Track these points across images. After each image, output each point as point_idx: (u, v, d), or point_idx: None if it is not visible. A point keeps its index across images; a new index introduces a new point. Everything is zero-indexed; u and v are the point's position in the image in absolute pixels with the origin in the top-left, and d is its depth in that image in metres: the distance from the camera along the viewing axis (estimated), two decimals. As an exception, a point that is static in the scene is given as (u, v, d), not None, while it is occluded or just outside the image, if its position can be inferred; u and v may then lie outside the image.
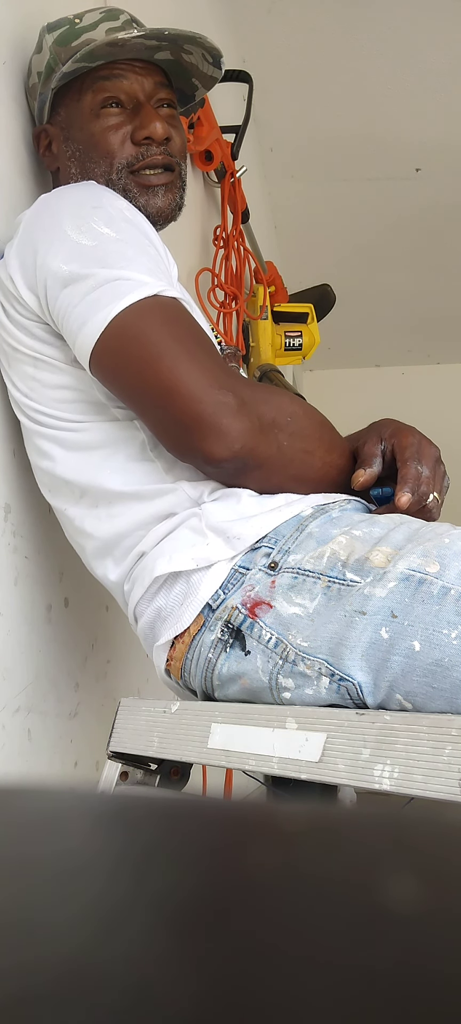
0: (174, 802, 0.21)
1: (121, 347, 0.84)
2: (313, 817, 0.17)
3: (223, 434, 0.82)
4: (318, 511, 0.86)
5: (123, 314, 0.83)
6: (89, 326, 0.84)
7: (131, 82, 1.01)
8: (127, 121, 1.01)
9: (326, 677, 0.74)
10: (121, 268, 0.85)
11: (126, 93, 1.01)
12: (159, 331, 0.84)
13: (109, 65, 1.01)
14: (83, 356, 0.86)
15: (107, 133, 1.01)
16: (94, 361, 0.85)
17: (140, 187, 1.01)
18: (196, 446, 0.83)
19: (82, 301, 0.85)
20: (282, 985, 0.11)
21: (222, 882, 0.15)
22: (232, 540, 0.84)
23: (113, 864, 0.16)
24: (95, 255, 0.86)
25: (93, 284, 0.84)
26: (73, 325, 0.86)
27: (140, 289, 0.84)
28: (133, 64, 1.02)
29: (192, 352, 0.84)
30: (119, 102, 1.01)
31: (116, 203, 0.93)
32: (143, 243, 0.90)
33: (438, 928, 0.13)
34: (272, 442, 0.86)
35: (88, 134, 1.02)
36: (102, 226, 0.88)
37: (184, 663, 0.86)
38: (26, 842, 0.17)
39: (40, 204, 0.95)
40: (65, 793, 0.19)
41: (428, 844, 0.16)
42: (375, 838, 0.17)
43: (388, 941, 0.12)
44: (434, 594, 0.71)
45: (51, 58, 1.04)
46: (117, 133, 1.01)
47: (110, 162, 1.00)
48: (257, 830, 0.17)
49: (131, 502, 0.91)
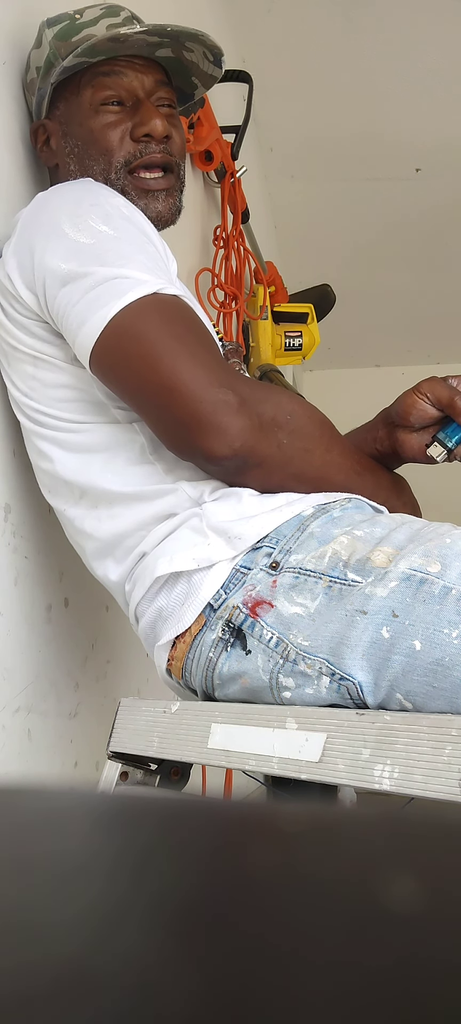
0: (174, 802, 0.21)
1: (121, 346, 0.84)
2: (313, 817, 0.17)
3: (223, 432, 0.82)
4: (319, 511, 0.86)
5: (123, 313, 0.83)
6: (89, 325, 0.84)
7: (131, 79, 1.01)
8: (127, 118, 1.00)
9: (326, 676, 0.74)
10: (120, 266, 0.85)
11: (126, 90, 1.01)
12: (159, 329, 0.84)
13: (109, 61, 1.01)
14: (83, 355, 0.86)
15: (106, 130, 1.00)
16: (94, 360, 0.85)
17: (139, 190, 1.01)
18: (196, 444, 0.83)
19: (81, 299, 0.85)
20: (282, 985, 0.11)
21: (222, 882, 0.15)
22: (233, 540, 0.84)
23: (113, 864, 0.16)
24: (93, 253, 0.86)
25: (92, 282, 0.84)
26: (73, 324, 0.86)
27: (140, 287, 0.84)
28: (133, 61, 1.01)
29: (192, 350, 0.84)
30: (119, 99, 1.01)
31: (113, 200, 0.93)
32: (141, 240, 0.90)
33: (438, 928, 0.13)
34: (272, 440, 0.86)
35: (87, 130, 1.01)
36: (100, 224, 0.88)
37: (185, 663, 0.86)
38: (26, 842, 0.17)
39: (37, 202, 0.95)
40: (65, 793, 0.19)
41: (428, 844, 0.16)
42: (375, 838, 0.17)
43: (388, 941, 0.12)
44: (435, 594, 0.71)
45: (51, 53, 1.03)
46: (116, 130, 1.00)
47: (109, 160, 1.00)
48: (257, 830, 0.17)
49: (131, 503, 0.91)
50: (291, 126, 2.90)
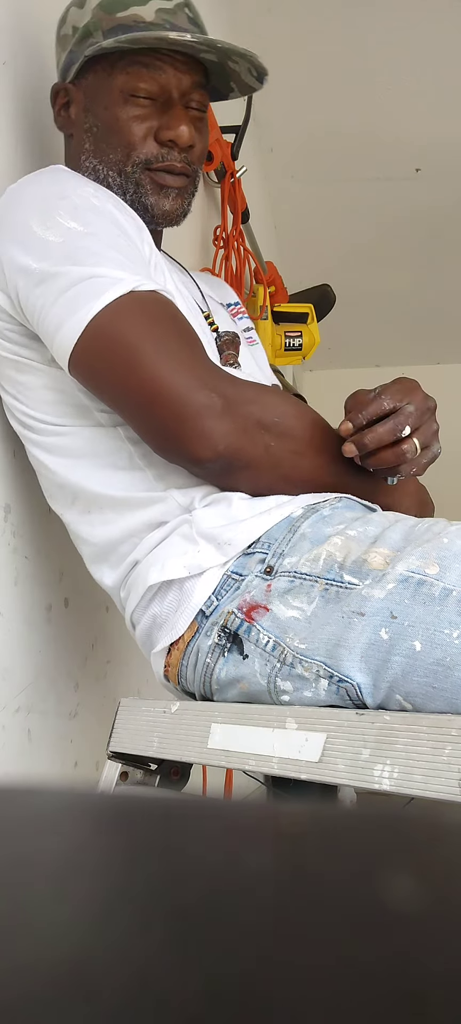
0: (174, 802, 0.21)
1: (100, 350, 0.82)
2: (313, 817, 0.17)
3: (206, 436, 0.81)
4: (309, 511, 0.85)
5: (100, 315, 0.81)
6: (66, 328, 0.82)
7: (169, 77, 0.96)
8: (154, 116, 0.97)
9: (324, 679, 0.74)
10: (93, 264, 0.82)
11: (161, 87, 0.96)
12: (138, 332, 0.82)
13: (151, 51, 0.95)
14: (62, 359, 0.84)
15: (132, 123, 0.96)
16: (73, 364, 0.84)
17: (154, 184, 0.98)
18: (180, 448, 0.82)
19: (57, 301, 0.82)
20: (281, 985, 0.11)
21: (222, 882, 0.15)
22: (223, 546, 0.84)
23: (112, 864, 0.16)
24: (63, 252, 0.84)
25: (67, 283, 0.82)
26: (49, 327, 0.84)
27: (116, 287, 0.81)
28: (175, 57, 0.96)
29: (173, 351, 0.83)
30: (151, 95, 0.96)
31: (82, 190, 0.90)
32: (112, 234, 0.87)
33: (438, 928, 0.13)
34: (258, 443, 0.84)
35: (112, 116, 0.97)
36: (69, 220, 0.85)
37: (180, 669, 0.86)
38: (26, 842, 0.17)
39: (5, 198, 0.92)
40: (65, 793, 0.19)
41: (428, 844, 0.16)
42: (375, 838, 0.17)
43: (388, 941, 0.12)
44: (435, 596, 0.70)
45: (92, 21, 0.96)
46: (142, 125, 0.96)
47: (128, 153, 0.97)
48: (257, 830, 0.17)
49: (122, 509, 0.90)
50: (291, 126, 2.89)
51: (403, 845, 0.16)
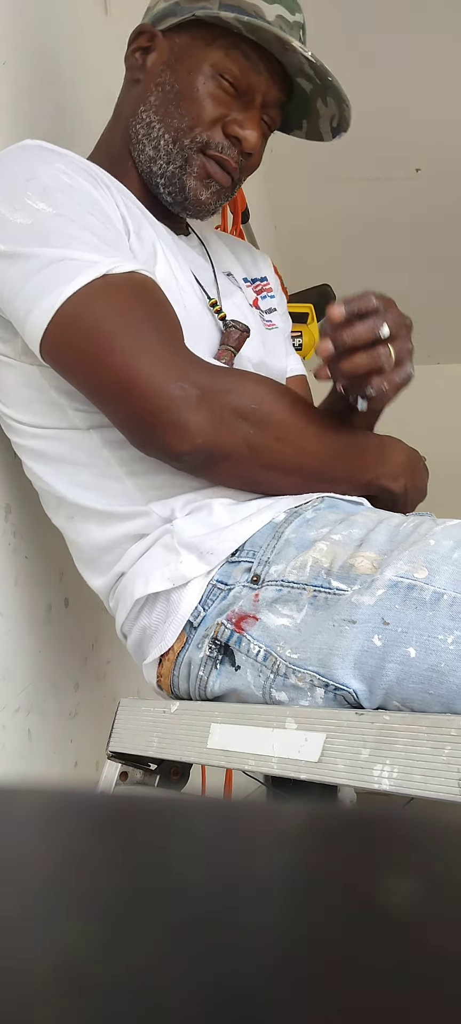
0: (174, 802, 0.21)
1: (71, 338, 0.79)
2: (313, 817, 0.17)
3: (182, 428, 0.78)
4: (291, 515, 0.84)
5: (71, 300, 0.77)
6: (36, 312, 0.79)
7: (262, 80, 0.95)
8: (231, 106, 0.95)
9: (320, 688, 0.73)
10: (64, 246, 0.79)
11: (250, 84, 0.95)
12: (110, 319, 0.79)
13: (258, 47, 0.94)
14: (33, 344, 0.81)
15: (210, 100, 0.94)
16: (44, 350, 0.81)
17: (202, 170, 0.96)
18: (157, 442, 0.80)
19: (26, 284, 0.79)
20: (282, 985, 0.11)
21: (222, 882, 0.15)
22: (205, 555, 0.82)
23: (112, 864, 0.16)
24: (32, 233, 0.80)
25: (37, 265, 0.79)
26: (19, 312, 0.81)
27: (88, 270, 0.78)
28: (274, 66, 0.95)
29: (147, 340, 0.79)
30: (238, 86, 0.94)
31: (52, 167, 0.86)
32: (85, 213, 0.83)
33: (437, 928, 0.13)
34: (236, 432, 0.81)
35: (192, 85, 0.95)
36: (37, 201, 0.82)
37: (172, 679, 0.85)
38: (25, 842, 0.17)
39: None
40: (65, 793, 0.19)
41: (428, 844, 0.16)
42: (375, 838, 0.17)
43: (387, 941, 0.12)
44: (426, 600, 0.69)
45: None
46: (217, 108, 0.94)
47: (193, 127, 0.94)
48: (257, 830, 0.17)
49: (103, 520, 0.89)
50: (291, 126, 2.89)
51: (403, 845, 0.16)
